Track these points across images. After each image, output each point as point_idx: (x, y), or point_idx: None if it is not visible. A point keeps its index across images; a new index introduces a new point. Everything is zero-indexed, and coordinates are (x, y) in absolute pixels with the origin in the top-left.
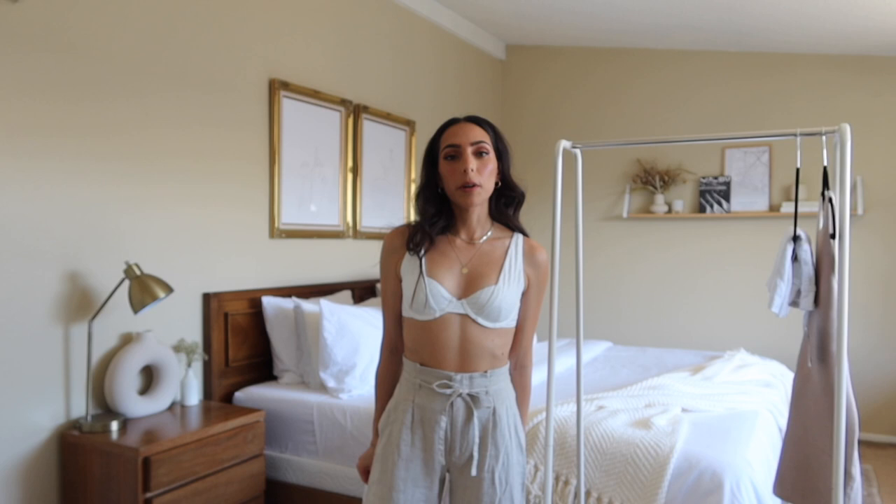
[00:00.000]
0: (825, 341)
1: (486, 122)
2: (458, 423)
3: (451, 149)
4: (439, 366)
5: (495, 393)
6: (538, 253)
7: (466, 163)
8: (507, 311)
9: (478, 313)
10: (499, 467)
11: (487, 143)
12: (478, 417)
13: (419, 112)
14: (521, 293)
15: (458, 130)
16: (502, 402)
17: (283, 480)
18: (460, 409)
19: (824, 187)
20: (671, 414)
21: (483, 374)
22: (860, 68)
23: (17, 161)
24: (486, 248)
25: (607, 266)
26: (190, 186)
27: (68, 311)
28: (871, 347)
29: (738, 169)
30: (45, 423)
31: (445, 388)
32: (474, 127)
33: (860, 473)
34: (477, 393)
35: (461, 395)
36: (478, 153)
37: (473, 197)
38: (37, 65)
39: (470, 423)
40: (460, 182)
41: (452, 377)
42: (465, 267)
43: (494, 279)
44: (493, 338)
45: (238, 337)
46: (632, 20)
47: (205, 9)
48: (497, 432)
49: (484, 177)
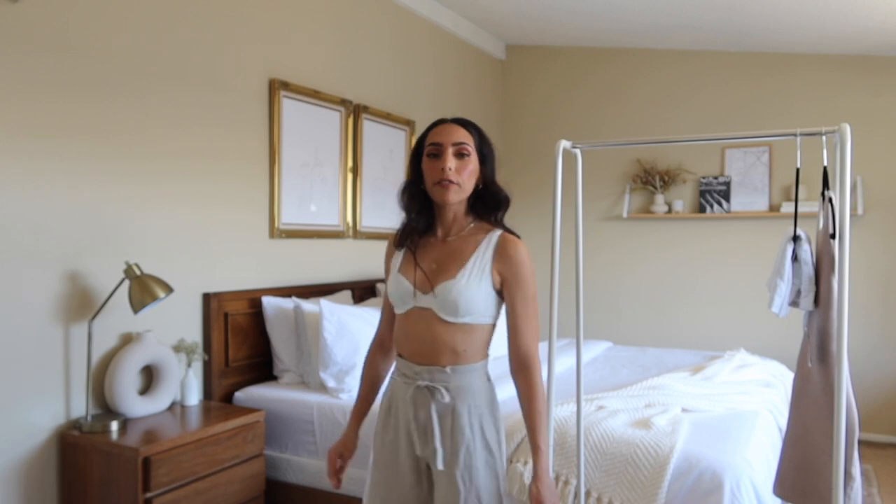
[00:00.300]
0: (825, 341)
1: (472, 125)
2: (420, 415)
3: (434, 147)
4: (408, 357)
5: (456, 389)
6: (512, 247)
7: (445, 161)
8: (466, 306)
9: (439, 308)
10: (460, 466)
11: (470, 146)
12: (435, 411)
13: (419, 112)
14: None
15: (443, 130)
16: (464, 399)
17: (283, 480)
18: (420, 401)
19: (824, 187)
20: (671, 414)
21: (442, 368)
22: (860, 68)
23: (17, 161)
24: (456, 245)
25: (607, 266)
26: (190, 186)
27: (68, 311)
28: (871, 347)
29: (738, 169)
30: (45, 423)
31: (409, 379)
32: (459, 128)
33: (860, 473)
34: (436, 387)
35: (419, 386)
36: (459, 154)
37: (449, 194)
38: (37, 65)
39: (430, 417)
40: (438, 178)
41: (415, 368)
42: (434, 262)
43: (454, 274)
44: (454, 333)
45: (238, 337)
46: (632, 20)
47: (205, 9)
48: (456, 429)
49: (463, 177)
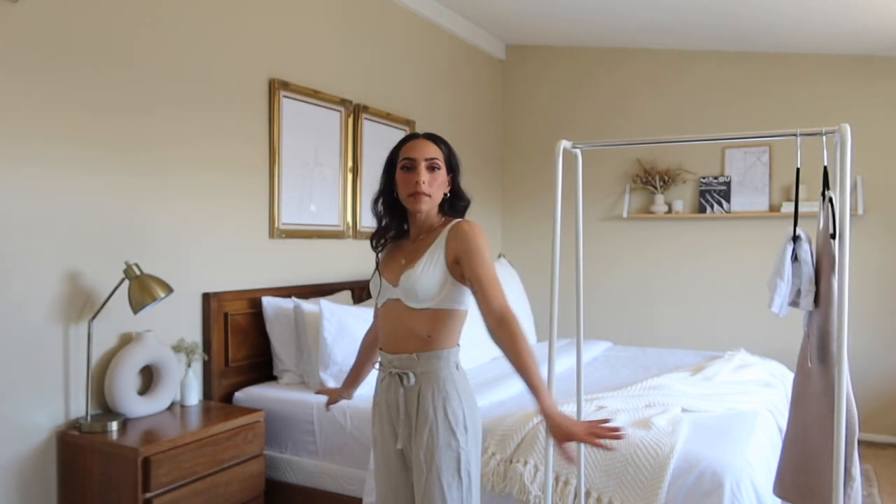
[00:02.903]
0: (825, 341)
1: (442, 140)
2: (392, 400)
3: (408, 161)
4: (385, 348)
5: (422, 374)
6: (460, 226)
7: (419, 175)
8: (425, 291)
9: (404, 296)
10: (423, 449)
11: (440, 160)
12: (403, 395)
13: (419, 112)
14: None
15: (416, 146)
16: (429, 383)
17: (283, 480)
18: (391, 387)
19: (824, 187)
20: (671, 414)
21: (410, 355)
22: (860, 68)
23: (17, 162)
24: (422, 241)
25: (607, 266)
26: (190, 186)
27: (68, 311)
28: (871, 347)
29: (738, 169)
30: (45, 422)
31: (383, 367)
32: (430, 144)
33: (860, 473)
34: (405, 372)
35: (390, 372)
36: (430, 167)
37: (421, 204)
38: (35, 66)
39: (397, 400)
40: (412, 190)
41: (388, 357)
42: (404, 258)
43: (413, 264)
44: (418, 319)
45: (238, 337)
46: (632, 21)
47: (205, 9)
48: (419, 412)
49: (434, 188)
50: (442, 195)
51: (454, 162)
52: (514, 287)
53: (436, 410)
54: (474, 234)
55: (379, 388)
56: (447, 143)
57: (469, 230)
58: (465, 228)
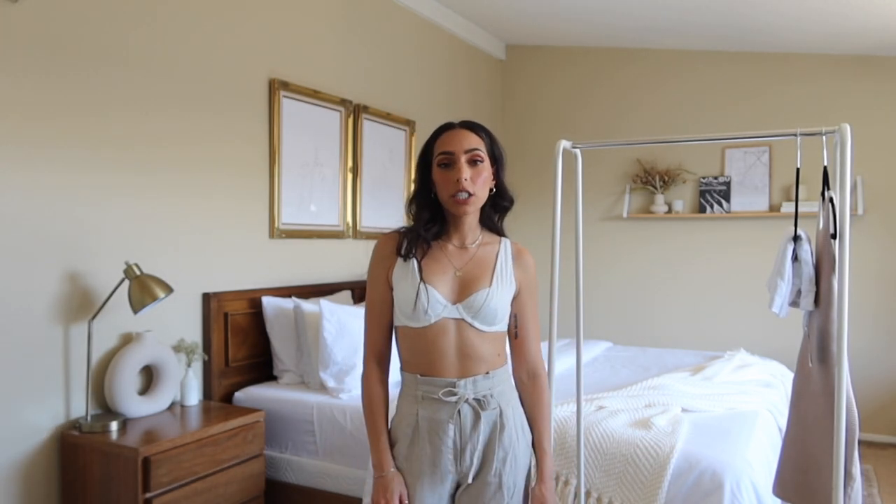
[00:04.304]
0: (825, 341)
1: (482, 128)
2: (467, 430)
3: (445, 156)
4: (440, 374)
5: (500, 394)
6: (526, 256)
7: (460, 172)
8: (503, 313)
9: (473, 317)
10: (507, 470)
11: (482, 151)
12: (485, 421)
13: (419, 112)
14: (512, 297)
15: (453, 137)
16: (508, 402)
17: (283, 480)
18: (468, 415)
19: (824, 187)
20: (671, 414)
21: (485, 375)
22: (860, 68)
23: (17, 161)
24: (478, 253)
25: (607, 266)
26: (190, 186)
27: (68, 311)
28: (871, 347)
29: (738, 169)
30: (45, 423)
31: (451, 395)
32: (469, 134)
33: (860, 473)
34: (483, 396)
35: (467, 400)
36: (472, 161)
37: (467, 206)
38: (35, 66)
39: (477, 428)
40: (453, 190)
41: (456, 383)
42: (459, 271)
43: (488, 282)
44: (489, 341)
45: (238, 337)
46: (633, 21)
47: (205, 9)
48: (505, 434)
49: (478, 185)
50: (487, 193)
51: (497, 152)
52: None
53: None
54: (534, 273)
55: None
56: (488, 130)
57: (532, 266)
58: (531, 263)
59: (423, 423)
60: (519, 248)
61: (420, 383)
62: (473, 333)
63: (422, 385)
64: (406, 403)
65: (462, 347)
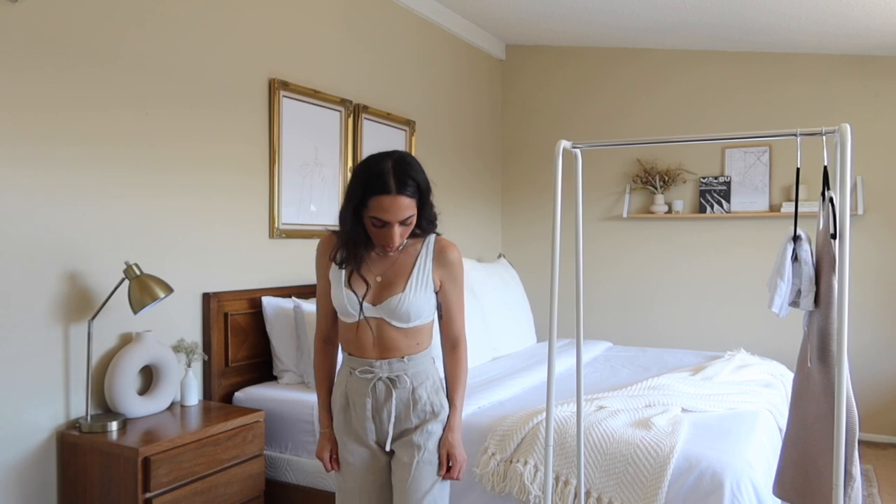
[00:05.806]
0: (825, 341)
1: (413, 182)
2: (380, 402)
3: (380, 221)
4: (362, 355)
5: (414, 375)
6: (448, 252)
7: (393, 237)
8: (417, 313)
9: (390, 317)
10: (418, 434)
11: (413, 215)
12: (397, 397)
13: (419, 112)
14: (433, 294)
15: (390, 207)
16: (422, 382)
17: (282, 480)
18: (381, 391)
19: (824, 187)
20: (671, 414)
21: (400, 359)
22: (860, 68)
23: (17, 161)
24: (399, 259)
25: (607, 266)
26: (190, 186)
27: (68, 311)
28: (871, 347)
29: (738, 169)
30: (45, 423)
31: (367, 373)
32: (404, 201)
33: (860, 473)
34: (397, 375)
35: (381, 378)
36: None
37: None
38: (35, 66)
39: (389, 401)
40: (384, 243)
41: (373, 363)
42: (380, 276)
43: (402, 287)
44: (407, 334)
45: (238, 337)
46: (633, 21)
47: (205, 8)
48: (417, 409)
49: (406, 235)
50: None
51: (425, 197)
52: (513, 287)
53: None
54: (459, 264)
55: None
56: (417, 177)
57: (456, 259)
58: (452, 257)
59: (350, 394)
60: (443, 244)
61: (349, 361)
62: (392, 329)
63: (349, 362)
64: (342, 376)
65: (381, 340)
